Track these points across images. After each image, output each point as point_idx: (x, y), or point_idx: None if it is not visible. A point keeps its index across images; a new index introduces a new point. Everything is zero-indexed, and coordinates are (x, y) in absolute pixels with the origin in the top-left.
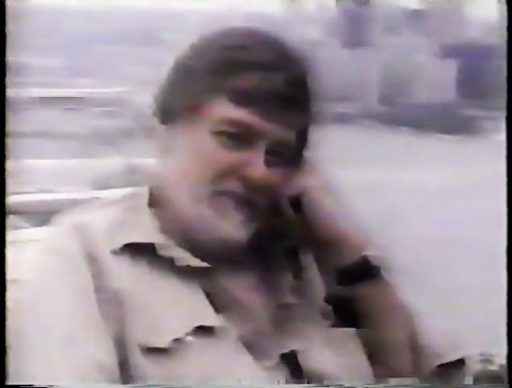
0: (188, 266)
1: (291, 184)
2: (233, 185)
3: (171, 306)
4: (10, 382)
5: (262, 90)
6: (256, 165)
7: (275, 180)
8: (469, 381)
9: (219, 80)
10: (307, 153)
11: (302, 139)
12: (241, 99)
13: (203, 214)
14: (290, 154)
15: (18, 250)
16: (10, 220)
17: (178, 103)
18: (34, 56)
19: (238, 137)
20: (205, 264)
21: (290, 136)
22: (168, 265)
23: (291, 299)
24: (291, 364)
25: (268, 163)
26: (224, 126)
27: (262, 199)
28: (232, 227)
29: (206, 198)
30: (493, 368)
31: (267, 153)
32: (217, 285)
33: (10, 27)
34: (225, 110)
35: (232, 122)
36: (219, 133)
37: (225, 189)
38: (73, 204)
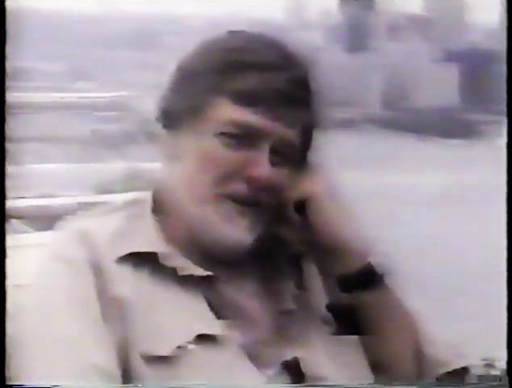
0: (190, 275)
1: (295, 188)
2: (239, 187)
3: (173, 314)
4: (10, 383)
5: (264, 90)
6: (261, 164)
7: (280, 180)
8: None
9: (221, 81)
10: (311, 157)
11: (306, 141)
12: (244, 99)
13: (207, 218)
14: (294, 154)
15: (21, 255)
16: (12, 224)
17: (180, 107)
18: (35, 60)
19: (242, 137)
20: (208, 273)
21: (293, 135)
22: (170, 274)
23: (293, 306)
24: (294, 371)
25: (273, 163)
26: (227, 127)
27: (268, 200)
28: (237, 231)
29: (211, 201)
30: (496, 372)
31: (272, 152)
32: (219, 293)
33: (11, 31)
34: (228, 111)
35: (236, 123)
36: (222, 135)
37: (230, 192)
38: (75, 208)
